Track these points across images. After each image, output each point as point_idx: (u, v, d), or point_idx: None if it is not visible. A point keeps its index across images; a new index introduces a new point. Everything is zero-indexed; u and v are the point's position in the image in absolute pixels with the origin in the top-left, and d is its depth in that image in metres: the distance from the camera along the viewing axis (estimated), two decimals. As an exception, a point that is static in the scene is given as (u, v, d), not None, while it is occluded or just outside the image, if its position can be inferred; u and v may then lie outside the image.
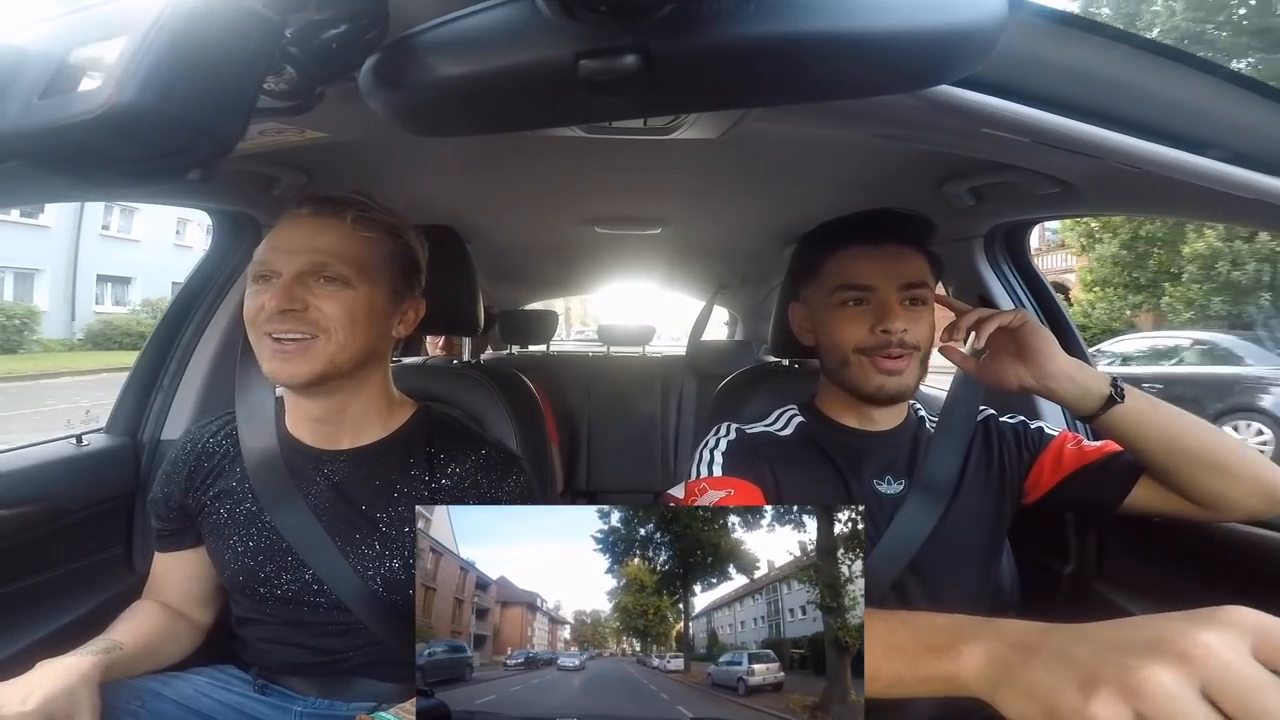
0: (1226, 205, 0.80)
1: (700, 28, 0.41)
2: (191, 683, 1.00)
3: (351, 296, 0.95)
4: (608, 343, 3.74)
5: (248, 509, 1.03)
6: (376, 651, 1.01)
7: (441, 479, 1.05)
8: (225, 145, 0.44)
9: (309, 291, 0.94)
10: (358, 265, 0.96)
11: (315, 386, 0.98)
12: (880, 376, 1.03)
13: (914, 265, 1.05)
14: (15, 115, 0.39)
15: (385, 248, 1.01)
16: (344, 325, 0.95)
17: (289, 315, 0.93)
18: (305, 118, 0.68)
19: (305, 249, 0.95)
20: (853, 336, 1.04)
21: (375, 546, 1.00)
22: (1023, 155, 0.93)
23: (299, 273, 0.94)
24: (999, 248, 1.54)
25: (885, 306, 1.03)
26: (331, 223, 0.97)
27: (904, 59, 0.44)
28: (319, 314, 0.94)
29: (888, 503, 1.05)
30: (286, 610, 1.02)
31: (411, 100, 0.50)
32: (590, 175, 1.48)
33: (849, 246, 1.07)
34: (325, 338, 0.94)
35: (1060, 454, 1.08)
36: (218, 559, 1.05)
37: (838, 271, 1.07)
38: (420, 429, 1.10)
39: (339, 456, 1.05)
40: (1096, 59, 0.58)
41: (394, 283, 1.02)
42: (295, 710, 1.01)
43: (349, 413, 1.05)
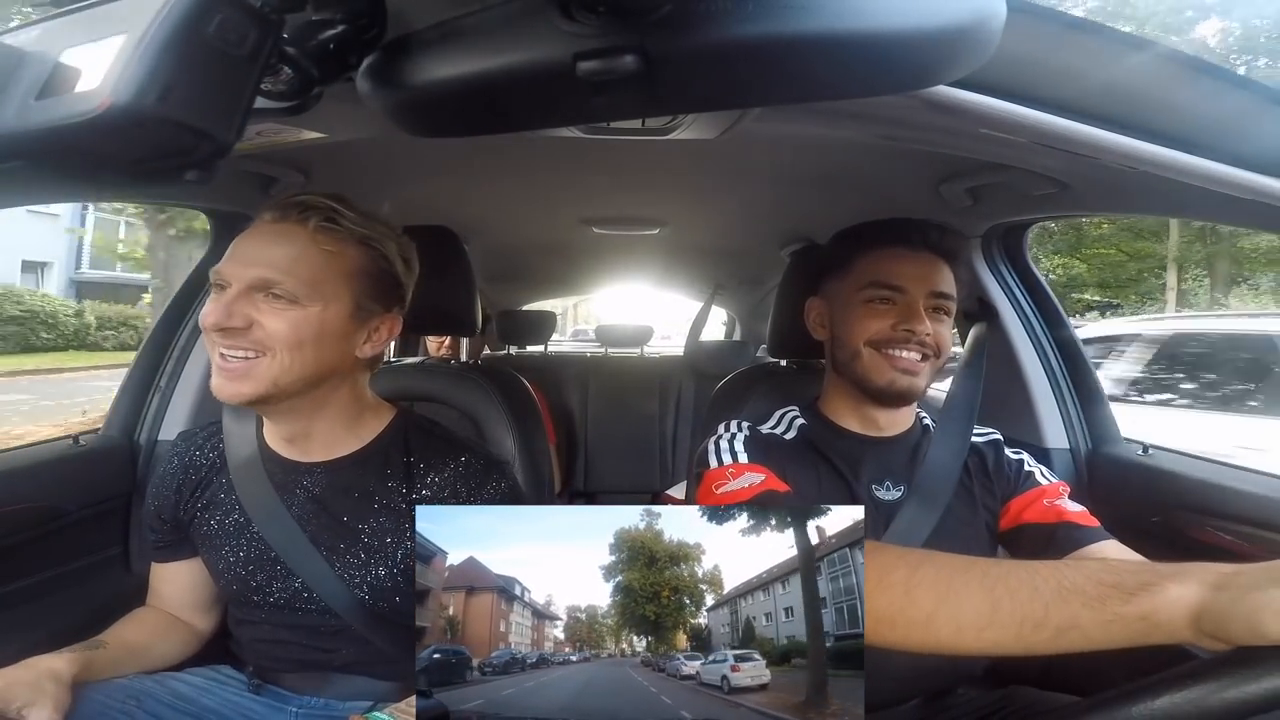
0: (1223, 206, 0.80)
1: (698, 28, 0.41)
2: (187, 682, 1.00)
3: (300, 316, 0.89)
4: (606, 343, 3.74)
5: (236, 519, 1.02)
6: (371, 651, 1.01)
7: (421, 489, 1.03)
8: (223, 146, 0.43)
9: (254, 308, 0.88)
10: (311, 282, 0.90)
11: (262, 406, 0.94)
12: (893, 372, 1.03)
13: (945, 276, 1.06)
14: (11, 116, 0.39)
15: (350, 262, 0.94)
16: (289, 347, 0.89)
17: (231, 333, 0.88)
18: (303, 118, 0.68)
19: (257, 261, 0.89)
20: (870, 330, 1.04)
21: (360, 555, 1.00)
22: (1020, 155, 0.93)
23: (246, 287, 0.89)
24: (996, 248, 1.54)
25: (912, 309, 1.03)
26: (293, 230, 0.91)
27: (902, 59, 0.44)
28: (262, 333, 0.88)
29: (886, 508, 1.05)
30: (280, 614, 1.02)
31: (409, 100, 0.50)
32: (588, 176, 1.49)
33: (886, 246, 1.07)
34: (270, 357, 0.89)
35: (1030, 503, 1.06)
36: (212, 568, 1.05)
37: (871, 269, 1.07)
38: (397, 438, 1.06)
39: (315, 469, 1.03)
40: (1094, 60, 0.58)
41: (358, 299, 0.95)
42: (291, 710, 1.01)
43: (316, 428, 1.02)
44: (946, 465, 1.07)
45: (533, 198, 1.71)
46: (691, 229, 2.11)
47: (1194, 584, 0.52)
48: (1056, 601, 0.57)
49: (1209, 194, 0.66)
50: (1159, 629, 0.52)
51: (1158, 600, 0.53)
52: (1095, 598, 0.56)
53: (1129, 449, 1.47)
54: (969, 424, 1.11)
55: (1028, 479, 1.09)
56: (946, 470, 1.06)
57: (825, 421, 1.13)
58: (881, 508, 1.05)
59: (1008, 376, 1.53)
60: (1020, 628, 0.59)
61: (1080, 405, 1.53)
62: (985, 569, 0.64)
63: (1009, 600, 0.60)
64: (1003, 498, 1.09)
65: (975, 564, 0.65)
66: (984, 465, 1.11)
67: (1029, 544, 1.04)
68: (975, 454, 1.11)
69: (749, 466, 0.99)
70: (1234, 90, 0.61)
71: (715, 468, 1.01)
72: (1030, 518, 1.05)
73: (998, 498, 1.09)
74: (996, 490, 1.09)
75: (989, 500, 1.09)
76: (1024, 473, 1.10)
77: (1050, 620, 0.57)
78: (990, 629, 0.60)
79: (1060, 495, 1.06)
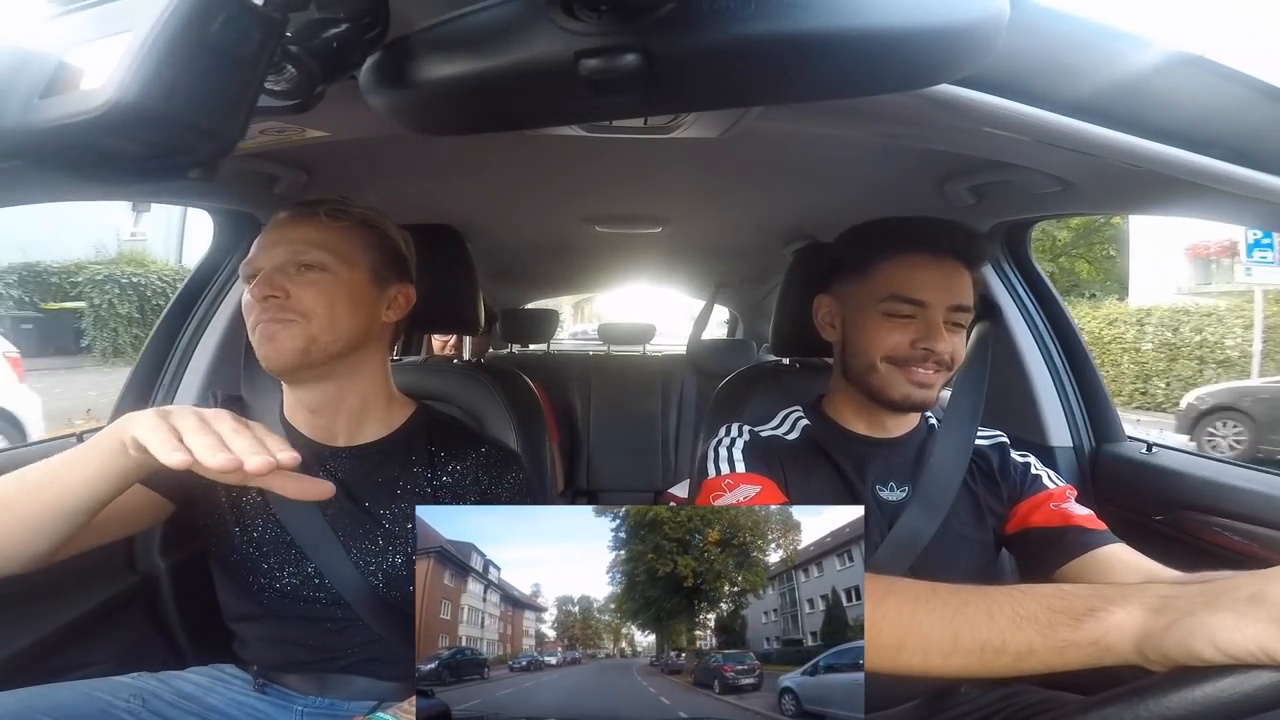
0: (1227, 204, 0.80)
1: (701, 26, 0.41)
2: (191, 681, 1.00)
3: (331, 281, 0.98)
4: (608, 341, 3.74)
5: (252, 499, 1.03)
6: (376, 650, 1.01)
7: (443, 476, 1.07)
8: (226, 144, 0.44)
9: (289, 280, 0.96)
10: (334, 251, 0.99)
11: (303, 370, 0.99)
12: (909, 387, 1.01)
13: (967, 286, 1.03)
14: (16, 114, 0.39)
15: (361, 236, 1.03)
16: (324, 308, 0.96)
17: (270, 302, 0.95)
18: (306, 117, 0.68)
19: (281, 243, 0.98)
20: (888, 345, 1.01)
21: (379, 542, 1.01)
22: (1024, 153, 0.93)
23: (279, 264, 0.97)
24: (1000, 246, 1.54)
25: (933, 325, 1.00)
26: (307, 217, 1.00)
27: (905, 57, 0.44)
28: (299, 300, 0.96)
29: (890, 509, 1.04)
30: (285, 605, 1.02)
31: (412, 99, 0.50)
32: (591, 174, 1.48)
33: (909, 253, 1.02)
34: (306, 321, 0.96)
35: (1037, 506, 1.06)
36: (217, 548, 1.05)
37: (892, 278, 1.02)
38: (421, 428, 1.11)
39: (340, 453, 1.05)
40: (1097, 58, 0.58)
41: (375, 268, 1.04)
42: (296, 709, 1.02)
43: (345, 404, 1.05)
44: (951, 465, 1.06)
45: (535, 196, 1.71)
46: (694, 227, 2.11)
47: (1136, 608, 0.53)
48: (1012, 629, 0.59)
49: (1213, 193, 0.66)
50: (1109, 653, 0.54)
51: (1104, 625, 0.54)
52: (1047, 624, 0.57)
53: (1133, 447, 1.47)
54: (973, 423, 1.11)
55: (1034, 482, 1.09)
56: (951, 470, 1.06)
57: (830, 423, 1.13)
58: (885, 509, 1.04)
59: (1012, 375, 1.53)
60: (981, 654, 0.61)
61: (1084, 403, 1.53)
62: (945, 598, 0.66)
63: (969, 629, 0.62)
64: (1009, 501, 1.08)
65: (936, 593, 0.67)
66: (990, 468, 1.10)
67: (1035, 547, 1.03)
68: (981, 456, 1.10)
69: (746, 477, 1.00)
70: (1238, 88, 0.61)
71: (713, 477, 1.02)
72: (1037, 521, 1.04)
73: (1004, 501, 1.09)
74: (1003, 493, 1.09)
75: (995, 503, 1.08)
76: (1031, 476, 1.09)
77: (1008, 647, 0.59)
78: (955, 655, 0.62)
79: (1067, 499, 1.05)
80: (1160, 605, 0.52)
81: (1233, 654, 0.46)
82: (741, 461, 1.02)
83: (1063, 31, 0.57)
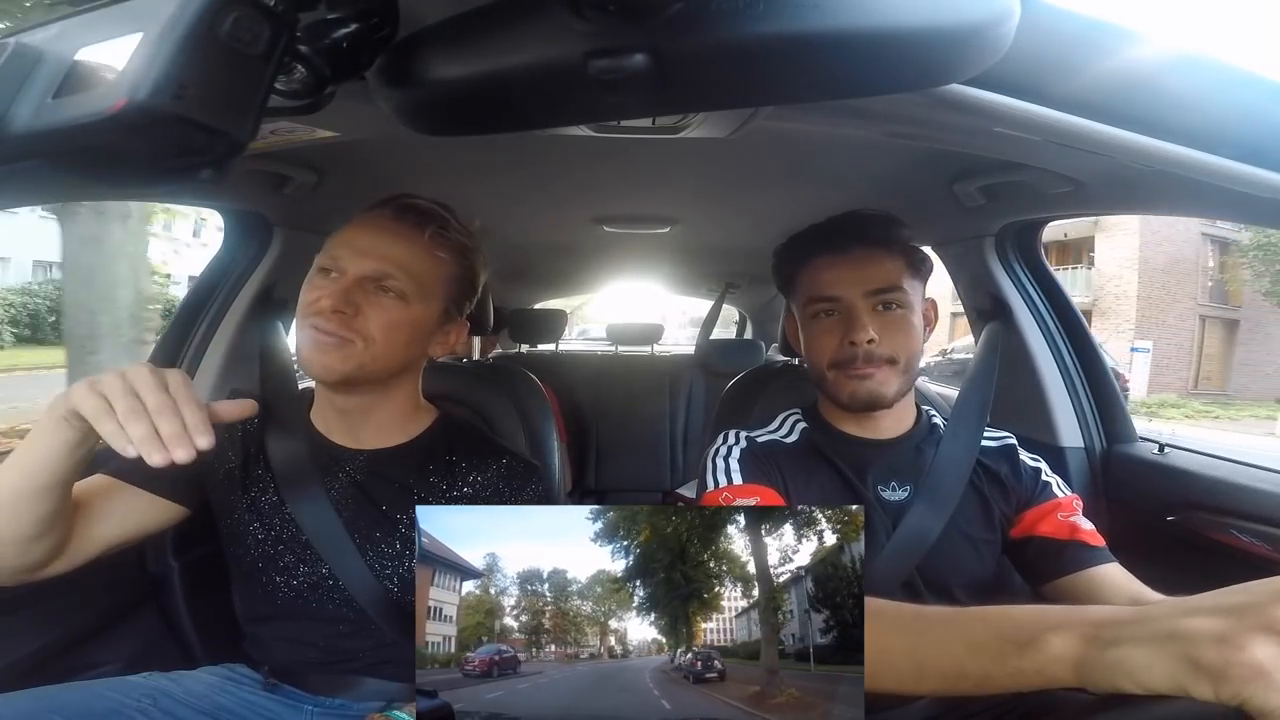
0: (1239, 203, 0.79)
1: (709, 26, 0.41)
2: (202, 681, 1.00)
3: (402, 311, 0.97)
4: (616, 341, 3.74)
5: (271, 498, 1.03)
6: (388, 652, 1.02)
7: (464, 486, 1.07)
8: (238, 144, 0.44)
9: (365, 297, 0.95)
10: (418, 280, 0.98)
11: (344, 385, 0.99)
12: (853, 384, 1.02)
13: (884, 269, 1.03)
14: (29, 115, 0.40)
15: (450, 269, 1.03)
16: (386, 335, 0.96)
17: (338, 316, 0.93)
18: (316, 117, 0.68)
19: (375, 254, 0.96)
20: (827, 350, 1.04)
21: (395, 546, 1.01)
22: (1034, 154, 0.92)
23: (362, 276, 0.95)
24: (1010, 246, 1.53)
25: (853, 316, 1.01)
26: (410, 232, 0.98)
27: (915, 57, 0.44)
28: (365, 321, 0.95)
29: (892, 509, 1.04)
30: (298, 604, 1.02)
31: (421, 99, 0.51)
32: (599, 174, 1.48)
33: (816, 256, 1.07)
34: (365, 345, 0.95)
35: (1045, 515, 1.05)
36: (234, 546, 1.05)
37: (808, 283, 1.07)
38: (442, 436, 1.11)
39: (360, 455, 1.06)
40: (1108, 57, 0.58)
41: (447, 305, 1.04)
42: (307, 709, 1.02)
43: (374, 413, 1.06)
44: (957, 464, 1.06)
45: (544, 196, 1.71)
46: (702, 227, 2.11)
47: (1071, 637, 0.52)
48: (968, 657, 0.59)
49: (1225, 192, 0.65)
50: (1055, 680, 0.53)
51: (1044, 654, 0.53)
52: (997, 653, 0.57)
53: (1145, 447, 1.45)
54: (981, 423, 1.11)
55: (1044, 489, 1.08)
56: (957, 469, 1.05)
57: (826, 425, 1.13)
58: (888, 508, 1.04)
59: (1022, 375, 1.52)
60: (945, 679, 0.61)
61: (1095, 403, 1.52)
62: (908, 624, 0.66)
63: (931, 657, 0.62)
64: (1018, 505, 1.08)
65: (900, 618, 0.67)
66: (999, 470, 1.09)
67: (1036, 556, 1.03)
68: (990, 458, 1.10)
69: (743, 489, 1.01)
70: (1250, 88, 0.61)
71: (711, 490, 1.03)
72: (1044, 530, 1.04)
73: (1012, 505, 1.08)
74: (1012, 497, 1.08)
75: (1003, 506, 1.08)
76: (1041, 482, 1.09)
77: (968, 673, 0.59)
78: (925, 679, 0.63)
79: (1075, 510, 1.05)
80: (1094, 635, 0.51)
81: (1151, 689, 0.45)
82: (738, 472, 1.03)
83: (1073, 31, 0.56)
